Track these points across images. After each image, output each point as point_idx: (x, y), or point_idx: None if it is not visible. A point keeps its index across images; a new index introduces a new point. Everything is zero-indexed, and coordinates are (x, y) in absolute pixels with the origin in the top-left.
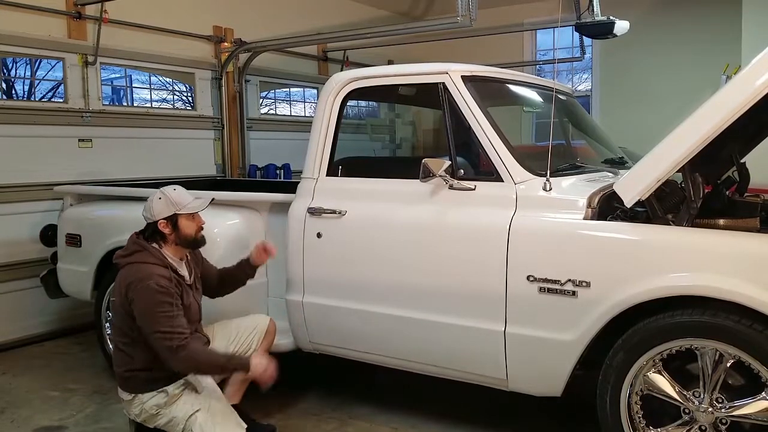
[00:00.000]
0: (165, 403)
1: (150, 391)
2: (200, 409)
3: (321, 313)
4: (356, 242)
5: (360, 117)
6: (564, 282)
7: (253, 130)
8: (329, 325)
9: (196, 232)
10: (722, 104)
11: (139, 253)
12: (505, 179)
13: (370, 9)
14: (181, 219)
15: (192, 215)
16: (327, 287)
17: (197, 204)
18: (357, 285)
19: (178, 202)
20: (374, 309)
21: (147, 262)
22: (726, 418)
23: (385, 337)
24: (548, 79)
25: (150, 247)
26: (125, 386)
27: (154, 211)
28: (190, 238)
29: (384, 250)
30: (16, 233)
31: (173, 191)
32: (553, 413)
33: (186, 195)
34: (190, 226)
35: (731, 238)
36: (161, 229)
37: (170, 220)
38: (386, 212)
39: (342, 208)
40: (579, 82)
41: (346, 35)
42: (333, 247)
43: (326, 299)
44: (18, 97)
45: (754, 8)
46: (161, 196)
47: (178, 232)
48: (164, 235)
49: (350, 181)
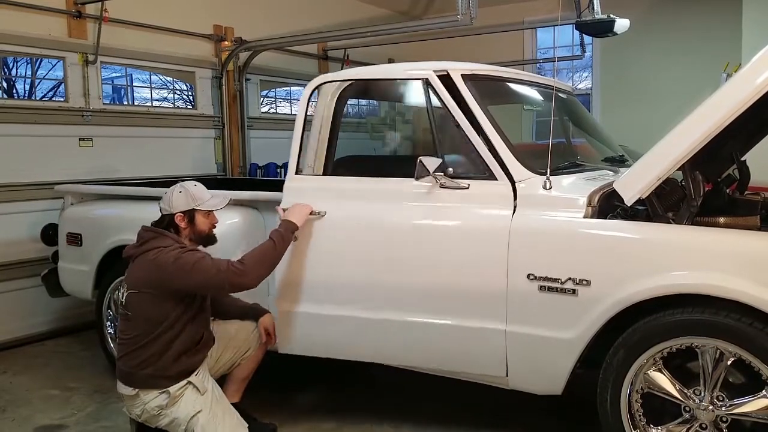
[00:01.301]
0: (167, 403)
1: (153, 388)
2: (202, 410)
3: (310, 320)
4: (340, 246)
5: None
6: (564, 280)
7: (253, 129)
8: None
9: (210, 229)
10: (722, 102)
11: (155, 240)
12: (499, 178)
13: (370, 7)
14: (198, 215)
15: (208, 212)
16: (304, 293)
17: (215, 202)
18: (342, 291)
19: (197, 197)
20: (371, 315)
21: (167, 246)
22: (726, 416)
23: (381, 341)
24: (548, 78)
25: (168, 233)
26: (129, 381)
27: (173, 204)
28: (203, 234)
29: (373, 253)
30: (17, 232)
31: (194, 186)
32: (553, 411)
33: (205, 192)
34: (205, 223)
35: (731, 236)
36: (177, 222)
37: (187, 214)
38: (373, 213)
39: (321, 209)
40: (579, 81)
41: (346, 34)
42: (311, 252)
43: (307, 306)
44: (18, 97)
45: (755, 6)
46: (181, 190)
47: (193, 227)
48: (179, 229)
49: (325, 180)
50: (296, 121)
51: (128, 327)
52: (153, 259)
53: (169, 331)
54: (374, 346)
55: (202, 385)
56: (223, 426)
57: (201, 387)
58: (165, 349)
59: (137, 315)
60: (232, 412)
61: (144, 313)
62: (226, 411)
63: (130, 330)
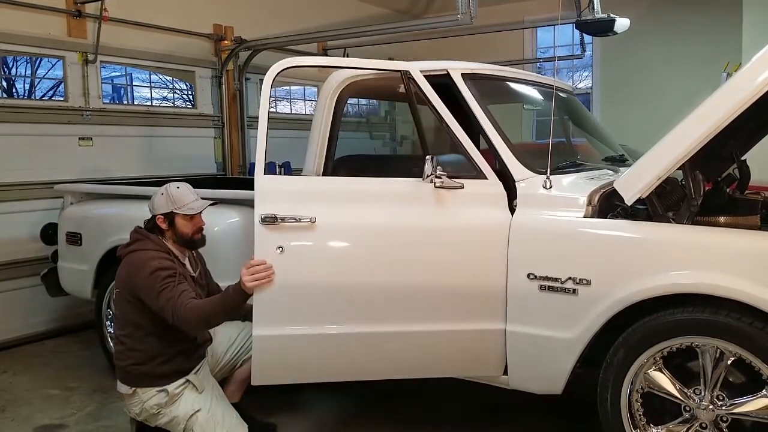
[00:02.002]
0: (166, 402)
1: (150, 387)
2: (201, 408)
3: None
4: (335, 253)
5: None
6: (564, 280)
7: (253, 128)
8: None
9: (193, 232)
10: (723, 102)
11: (140, 242)
12: (489, 177)
13: (370, 7)
14: (178, 218)
15: (190, 216)
16: (293, 311)
17: (195, 206)
18: (339, 303)
19: (177, 200)
20: (361, 329)
21: (148, 249)
22: (727, 416)
23: (384, 356)
24: (548, 77)
25: (151, 236)
26: (126, 380)
27: (154, 206)
28: (186, 237)
29: (374, 259)
30: (17, 232)
31: (176, 189)
32: (553, 411)
33: (188, 194)
34: (187, 226)
35: (732, 235)
36: (159, 224)
37: (167, 217)
38: (376, 216)
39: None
40: (579, 80)
41: (346, 33)
42: (301, 262)
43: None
44: (18, 96)
45: (755, 5)
46: (164, 192)
47: (174, 230)
48: (162, 230)
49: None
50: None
51: (118, 326)
52: (131, 261)
53: (156, 332)
54: (375, 362)
55: (200, 384)
56: (222, 425)
57: (199, 386)
58: (156, 348)
59: (122, 315)
60: (231, 412)
61: (126, 313)
62: (226, 410)
63: (120, 329)
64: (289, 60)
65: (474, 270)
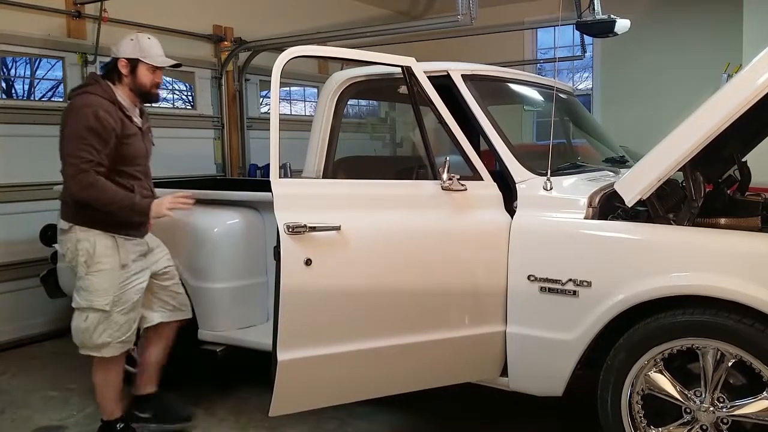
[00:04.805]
0: (93, 258)
1: (86, 227)
2: (108, 310)
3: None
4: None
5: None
6: (565, 282)
7: (253, 130)
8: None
9: (152, 85)
10: (723, 103)
11: (90, 86)
12: (485, 178)
13: (370, 8)
14: (142, 66)
15: (154, 68)
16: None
17: (161, 59)
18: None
19: (145, 49)
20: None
21: (95, 93)
22: (727, 418)
23: (400, 368)
24: (549, 78)
25: (102, 82)
26: (63, 215)
27: (120, 49)
28: (144, 89)
29: (403, 266)
30: (16, 233)
31: (146, 39)
32: (553, 413)
33: (157, 47)
34: (148, 77)
35: (732, 237)
36: (120, 68)
37: (131, 62)
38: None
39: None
40: (580, 81)
41: (346, 34)
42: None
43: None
44: (18, 97)
45: (755, 7)
46: (133, 39)
47: (134, 77)
48: (120, 75)
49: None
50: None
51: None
52: (74, 103)
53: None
54: (407, 374)
55: (126, 257)
56: (99, 335)
57: (123, 257)
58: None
59: (60, 149)
60: (125, 328)
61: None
62: (121, 328)
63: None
64: (299, 48)
65: (476, 271)
